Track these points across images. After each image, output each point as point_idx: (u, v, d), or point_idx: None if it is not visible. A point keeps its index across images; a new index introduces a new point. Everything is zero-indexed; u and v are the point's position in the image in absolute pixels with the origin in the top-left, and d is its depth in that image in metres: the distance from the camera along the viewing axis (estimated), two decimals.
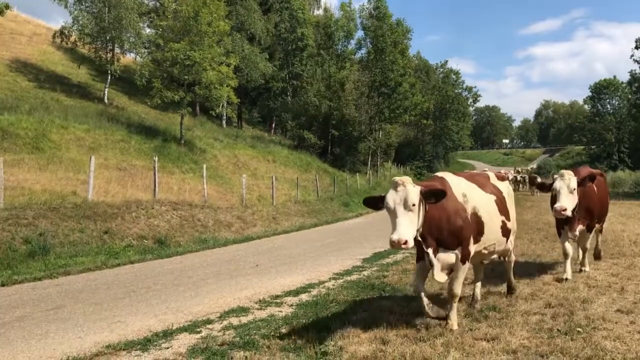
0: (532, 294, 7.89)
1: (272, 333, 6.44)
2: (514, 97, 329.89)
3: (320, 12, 66.81)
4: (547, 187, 8.98)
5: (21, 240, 12.59)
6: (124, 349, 6.06)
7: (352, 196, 35.79)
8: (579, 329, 6.01)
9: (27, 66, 35.06)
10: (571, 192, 8.45)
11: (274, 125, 57.56)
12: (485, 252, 6.70)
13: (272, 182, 27.29)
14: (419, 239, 5.79)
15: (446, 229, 5.97)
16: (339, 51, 57.09)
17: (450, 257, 6.06)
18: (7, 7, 25.26)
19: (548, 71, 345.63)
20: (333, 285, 9.66)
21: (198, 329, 6.82)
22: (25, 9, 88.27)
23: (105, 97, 34.91)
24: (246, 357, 5.50)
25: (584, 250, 9.74)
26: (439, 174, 6.65)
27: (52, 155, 21.22)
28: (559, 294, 7.77)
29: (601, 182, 10.07)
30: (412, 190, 5.59)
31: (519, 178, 45.97)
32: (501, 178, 7.59)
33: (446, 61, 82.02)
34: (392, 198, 5.60)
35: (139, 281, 10.28)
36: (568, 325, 6.16)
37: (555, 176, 8.84)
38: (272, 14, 53.45)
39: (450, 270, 6.17)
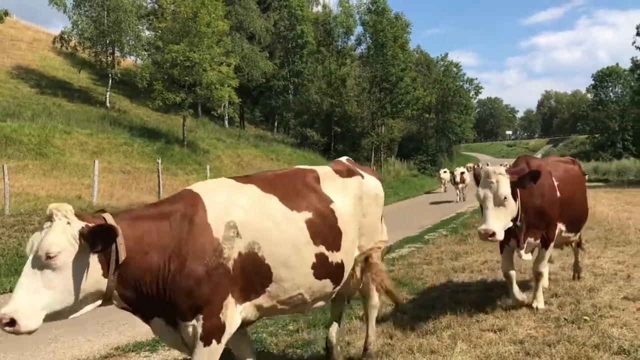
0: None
1: (280, 330, 6.47)
2: (517, 88, 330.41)
3: (319, 8, 66.81)
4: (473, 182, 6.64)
5: None
6: (132, 351, 6.10)
7: None
8: (586, 318, 6.01)
9: (28, 72, 35.18)
10: (501, 203, 5.80)
11: (276, 123, 57.60)
12: (285, 307, 4.11)
13: None
14: (116, 302, 3.58)
15: (176, 287, 3.50)
16: (339, 47, 57.06)
17: (183, 331, 3.61)
18: (6, 13, 25.34)
19: (551, 61, 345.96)
20: None
21: None
22: (25, 15, 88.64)
23: (107, 101, 35.02)
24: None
25: (537, 276, 6.73)
26: (197, 187, 3.95)
27: (56, 161, 21.30)
28: (565, 284, 7.77)
29: (571, 174, 7.26)
30: (53, 236, 3.20)
31: None
32: (347, 173, 4.76)
33: (446, 54, 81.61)
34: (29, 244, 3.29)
35: None
36: (575, 314, 6.16)
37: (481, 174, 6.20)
38: (271, 12, 53.51)
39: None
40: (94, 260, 3.29)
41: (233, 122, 48.85)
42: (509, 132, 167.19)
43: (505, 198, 5.79)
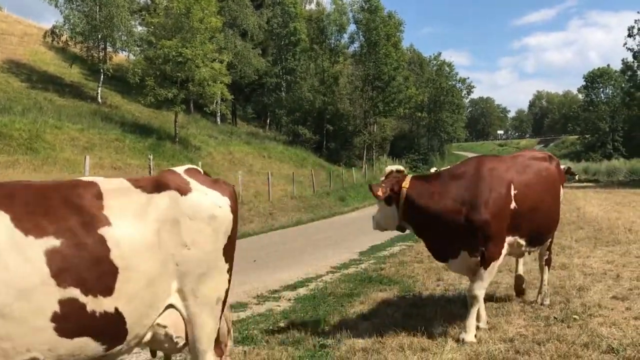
0: (528, 282, 7.92)
1: (271, 327, 6.46)
2: (509, 88, 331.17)
3: (313, 6, 66.75)
4: None
5: None
6: None
7: (348, 190, 35.83)
8: (575, 316, 6.05)
9: (19, 67, 34.90)
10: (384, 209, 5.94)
11: (268, 121, 57.52)
12: None
13: (268, 178, 27.29)
14: None
15: None
16: (332, 45, 57.06)
17: None
18: None
19: (542, 61, 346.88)
20: (331, 278, 9.69)
21: None
22: (16, 9, 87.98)
23: (99, 97, 34.81)
24: (245, 352, 5.51)
25: (471, 300, 5.63)
26: None
27: (47, 156, 21.17)
28: (556, 282, 7.81)
29: (542, 177, 6.15)
30: None
31: None
32: (153, 187, 3.35)
33: (439, 53, 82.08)
34: None
35: None
36: (564, 313, 6.20)
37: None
38: (264, 9, 53.40)
39: None
40: None
41: (225, 118, 48.71)
42: (500, 132, 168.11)
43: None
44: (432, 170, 36.68)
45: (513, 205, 5.63)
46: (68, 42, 35.32)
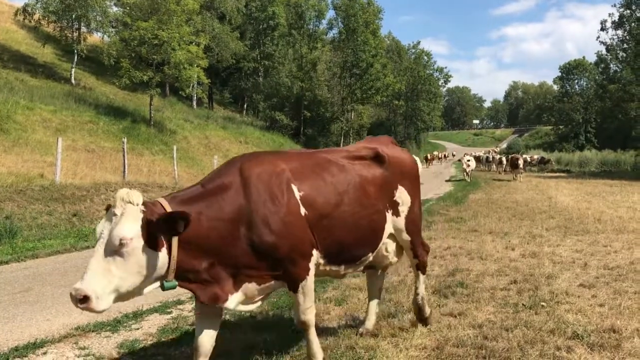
0: (498, 270, 8.07)
1: (244, 312, 6.47)
2: (486, 77, 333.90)
3: None
4: None
5: None
6: (93, 331, 6.01)
7: None
8: (543, 304, 6.18)
9: None
10: (117, 251, 3.34)
11: (245, 106, 57.16)
12: None
13: None
14: None
15: None
16: (311, 31, 56.82)
17: None
18: None
19: (520, 52, 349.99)
20: None
21: (169, 310, 6.81)
22: None
23: (72, 78, 34.18)
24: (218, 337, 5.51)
25: (303, 327, 4.52)
26: None
27: (18, 137, 20.77)
28: (525, 270, 7.96)
29: (347, 174, 4.65)
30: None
31: (495, 158, 46.44)
32: None
33: (418, 42, 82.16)
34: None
35: None
36: (533, 300, 6.32)
37: None
38: None
39: None
40: None
41: (201, 103, 48.29)
42: (476, 121, 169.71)
43: (122, 244, 3.33)
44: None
45: (303, 211, 4.18)
46: (40, 21, 34.55)
